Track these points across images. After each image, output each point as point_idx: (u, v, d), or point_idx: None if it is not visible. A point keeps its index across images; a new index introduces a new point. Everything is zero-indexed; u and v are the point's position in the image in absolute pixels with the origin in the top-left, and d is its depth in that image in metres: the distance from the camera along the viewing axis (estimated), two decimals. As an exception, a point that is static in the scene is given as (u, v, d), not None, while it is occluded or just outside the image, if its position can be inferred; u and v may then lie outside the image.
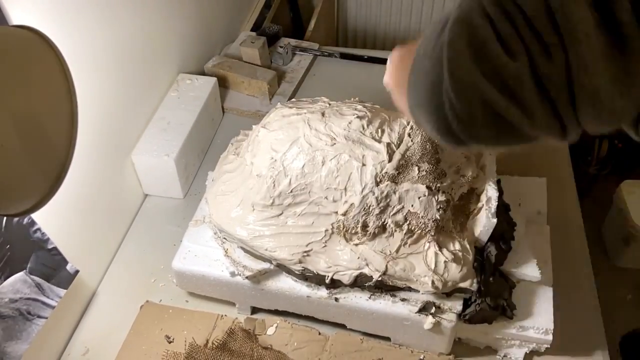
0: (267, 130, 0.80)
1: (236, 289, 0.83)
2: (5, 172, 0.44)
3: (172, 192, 1.03)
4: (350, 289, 0.78)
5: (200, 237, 0.86)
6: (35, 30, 0.46)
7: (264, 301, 0.84)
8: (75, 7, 0.77)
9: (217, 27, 1.31)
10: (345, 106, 0.81)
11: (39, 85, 0.44)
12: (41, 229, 0.74)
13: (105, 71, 0.87)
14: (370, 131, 0.76)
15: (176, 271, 0.84)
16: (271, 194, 0.76)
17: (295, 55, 1.29)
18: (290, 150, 0.77)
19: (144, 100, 1.03)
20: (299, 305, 0.82)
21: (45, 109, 0.44)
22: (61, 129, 0.45)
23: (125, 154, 0.98)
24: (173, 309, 0.88)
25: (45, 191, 0.49)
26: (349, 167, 0.75)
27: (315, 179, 0.75)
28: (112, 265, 0.96)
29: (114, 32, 0.88)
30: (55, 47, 0.46)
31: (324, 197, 0.75)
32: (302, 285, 0.79)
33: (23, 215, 0.49)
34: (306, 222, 0.77)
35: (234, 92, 1.22)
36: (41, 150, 0.45)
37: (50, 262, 0.77)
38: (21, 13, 0.65)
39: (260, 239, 0.78)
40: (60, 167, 0.47)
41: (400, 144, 0.76)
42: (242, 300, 0.85)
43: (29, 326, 0.74)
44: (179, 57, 1.14)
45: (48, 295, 0.77)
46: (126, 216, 1.01)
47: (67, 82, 0.46)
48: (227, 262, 0.82)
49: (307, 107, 0.81)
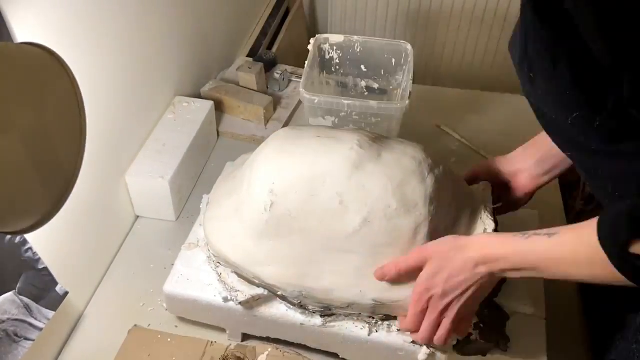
0: (266, 155, 0.80)
1: (228, 315, 0.81)
2: (10, 187, 0.43)
3: (164, 214, 1.02)
4: (344, 318, 0.77)
5: (194, 261, 0.85)
6: (47, 49, 0.46)
7: (256, 328, 0.83)
8: (73, 29, 0.77)
9: (214, 52, 1.32)
10: (340, 132, 0.81)
11: (50, 103, 0.44)
12: (32, 249, 0.73)
13: (103, 91, 0.87)
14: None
15: (167, 295, 0.83)
16: (267, 220, 0.76)
17: (292, 82, 1.30)
18: (289, 177, 0.77)
19: (140, 122, 1.03)
20: (291, 333, 0.81)
21: (54, 127, 0.44)
22: (69, 148, 0.45)
23: (119, 174, 0.97)
24: (161, 334, 0.86)
25: (46, 211, 0.48)
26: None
27: (314, 207, 0.75)
28: (100, 288, 0.94)
29: (113, 53, 0.89)
30: (67, 67, 0.45)
31: (321, 223, 0.75)
32: (295, 312, 0.79)
33: (22, 233, 0.49)
34: (303, 249, 0.76)
35: (230, 116, 1.22)
36: (47, 169, 0.44)
37: (40, 282, 0.75)
38: (21, 31, 0.65)
39: (255, 265, 0.77)
40: (64, 187, 0.46)
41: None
42: (234, 327, 0.84)
43: (15, 348, 0.72)
44: (176, 80, 1.14)
45: (36, 317, 0.75)
46: (117, 237, 0.99)
47: (77, 102, 0.46)
48: (220, 287, 0.81)
49: (307, 133, 0.82)
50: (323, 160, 0.76)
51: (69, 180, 0.46)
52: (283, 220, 0.75)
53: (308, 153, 0.77)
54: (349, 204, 0.73)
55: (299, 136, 0.81)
